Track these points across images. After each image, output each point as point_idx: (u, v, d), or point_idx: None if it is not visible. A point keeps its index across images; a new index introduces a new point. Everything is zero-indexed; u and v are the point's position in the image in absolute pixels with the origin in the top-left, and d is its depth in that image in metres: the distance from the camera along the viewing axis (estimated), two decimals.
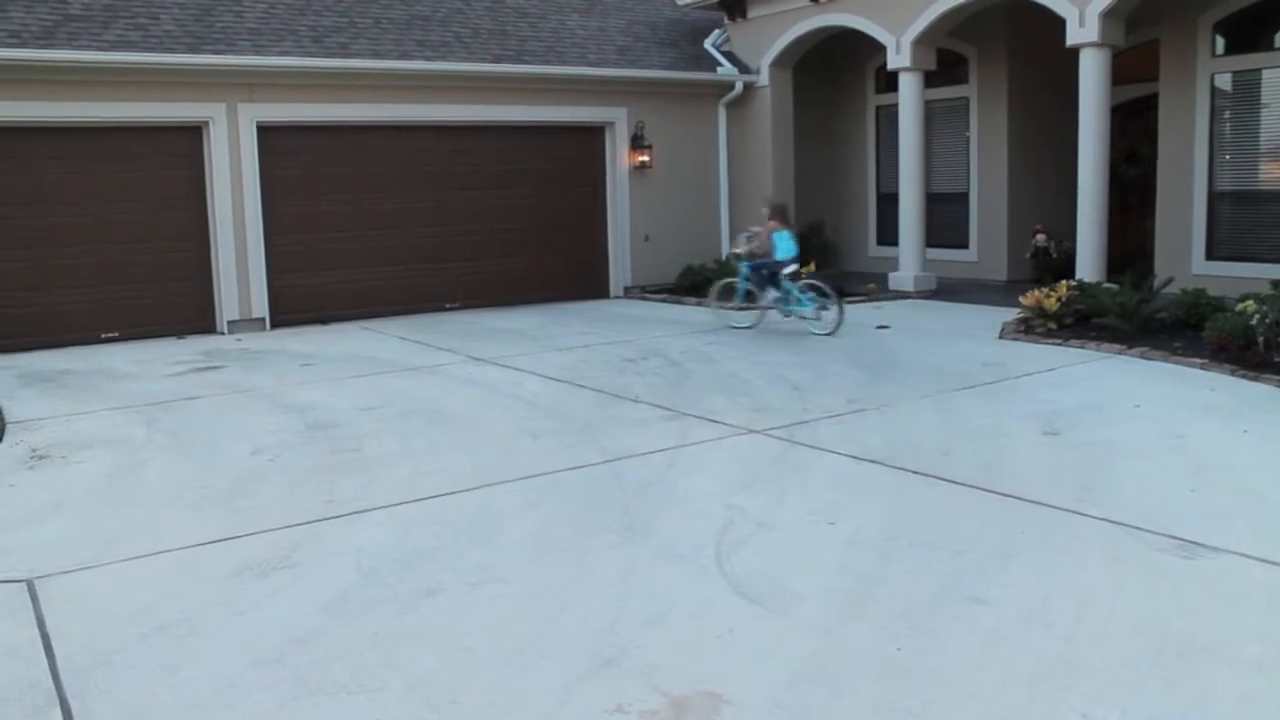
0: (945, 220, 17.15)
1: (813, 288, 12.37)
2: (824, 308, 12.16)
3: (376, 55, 14.16)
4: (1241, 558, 5.16)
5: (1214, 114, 13.97)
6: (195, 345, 12.59)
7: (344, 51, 13.96)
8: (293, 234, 13.96)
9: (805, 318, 12.27)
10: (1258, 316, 9.56)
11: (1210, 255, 13.98)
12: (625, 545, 5.63)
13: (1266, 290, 10.10)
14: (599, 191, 16.44)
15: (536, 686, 4.09)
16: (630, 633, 4.52)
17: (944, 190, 17.32)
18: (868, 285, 15.46)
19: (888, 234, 17.49)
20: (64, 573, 5.38)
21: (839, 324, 11.95)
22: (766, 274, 12.70)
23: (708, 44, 17.59)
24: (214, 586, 5.19)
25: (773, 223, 12.64)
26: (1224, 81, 13.92)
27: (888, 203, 17.53)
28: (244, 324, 13.57)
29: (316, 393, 9.66)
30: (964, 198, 17.24)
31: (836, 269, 16.46)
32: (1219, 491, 6.26)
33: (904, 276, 15.49)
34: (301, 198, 14.01)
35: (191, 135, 13.29)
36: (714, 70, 16.97)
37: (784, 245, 12.58)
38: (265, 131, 13.58)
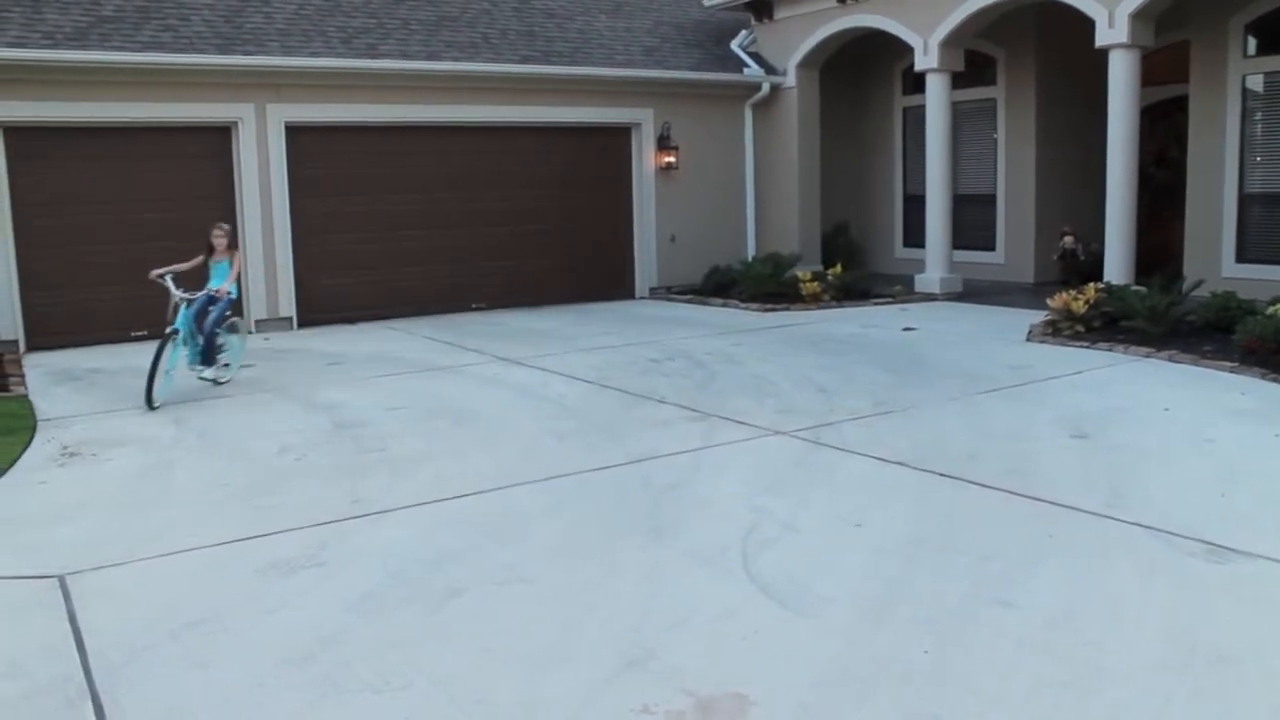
0: (972, 222, 17.08)
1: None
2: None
3: (404, 56, 14.22)
4: (1273, 563, 5.12)
5: (1245, 115, 13.85)
6: None
7: (372, 52, 14.03)
8: (320, 234, 14.04)
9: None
10: None
11: (1240, 258, 13.87)
12: (651, 546, 5.64)
13: None
14: (625, 192, 16.45)
15: (562, 687, 4.10)
16: (656, 634, 4.52)
17: (971, 192, 17.24)
18: (894, 287, 15.41)
19: (914, 236, 17.42)
20: (95, 569, 5.43)
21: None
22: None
23: (734, 45, 17.57)
24: (242, 584, 5.23)
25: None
26: (1255, 83, 13.80)
27: (914, 204, 17.45)
28: (272, 323, 13.65)
29: (343, 392, 9.71)
30: (991, 199, 17.16)
31: (862, 270, 16.42)
32: (1250, 496, 6.21)
33: (930, 278, 15.44)
34: (329, 198, 14.09)
35: (220, 135, 13.39)
36: (740, 71, 16.95)
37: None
38: (293, 132, 13.66)
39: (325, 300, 14.10)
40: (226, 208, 13.40)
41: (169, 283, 9.56)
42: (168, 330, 9.45)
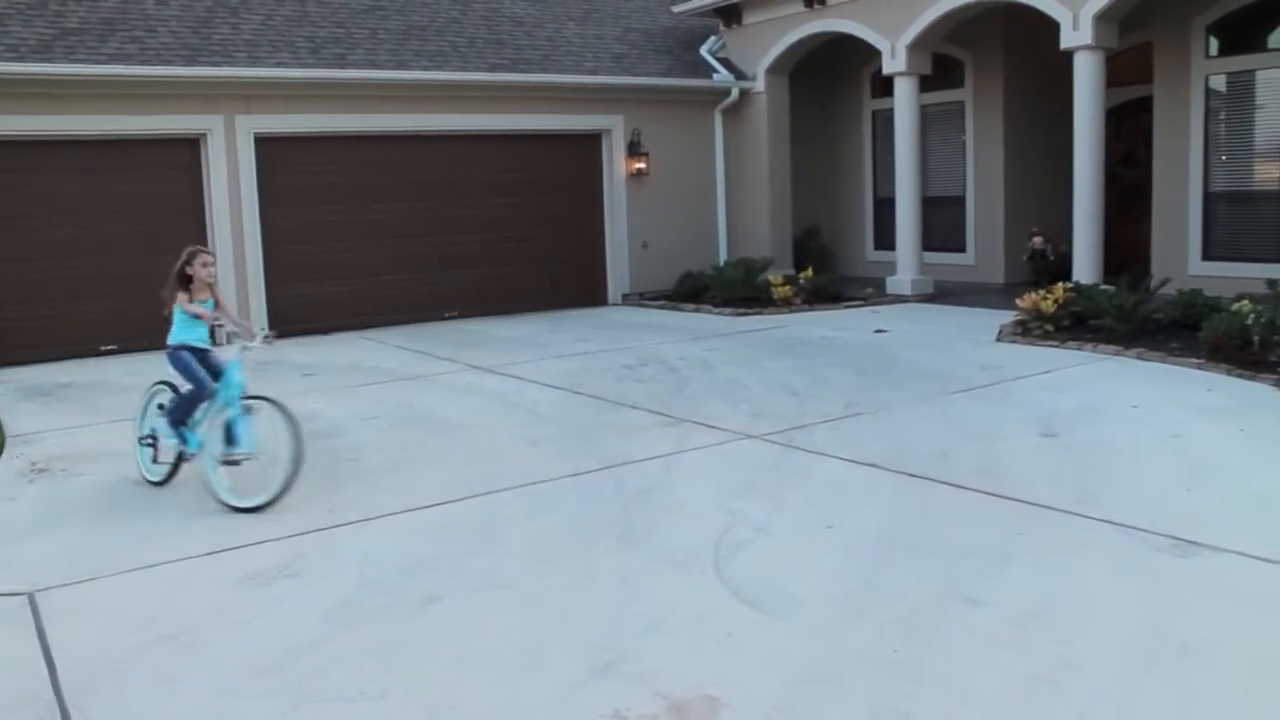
0: (942, 224, 17.18)
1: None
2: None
3: (373, 65, 14.20)
4: (1238, 556, 5.18)
5: (1209, 115, 14.00)
6: None
7: (341, 62, 14.00)
8: (291, 244, 13.99)
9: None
10: (1253, 316, 9.59)
11: (1206, 256, 14.02)
12: (624, 551, 5.66)
13: (1262, 290, 10.14)
14: (596, 199, 16.47)
15: (536, 692, 4.12)
16: (629, 638, 4.54)
17: (941, 194, 17.36)
18: (865, 290, 15.49)
19: (885, 238, 17.51)
20: (65, 585, 5.40)
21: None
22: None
23: (704, 51, 17.63)
24: (216, 597, 5.21)
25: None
26: (1218, 83, 13.96)
27: (884, 207, 17.56)
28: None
29: (316, 402, 9.67)
30: (960, 201, 17.28)
31: (834, 273, 16.49)
32: (1216, 491, 6.28)
33: (901, 280, 15.52)
34: (300, 208, 14.04)
35: (189, 147, 13.33)
36: (710, 77, 17.01)
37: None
38: (263, 143, 13.62)
39: (298, 311, 14.05)
40: (197, 220, 13.36)
41: (227, 326, 7.71)
42: (199, 390, 7.09)
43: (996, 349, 11.19)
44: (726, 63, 17.37)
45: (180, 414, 7.15)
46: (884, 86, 16.59)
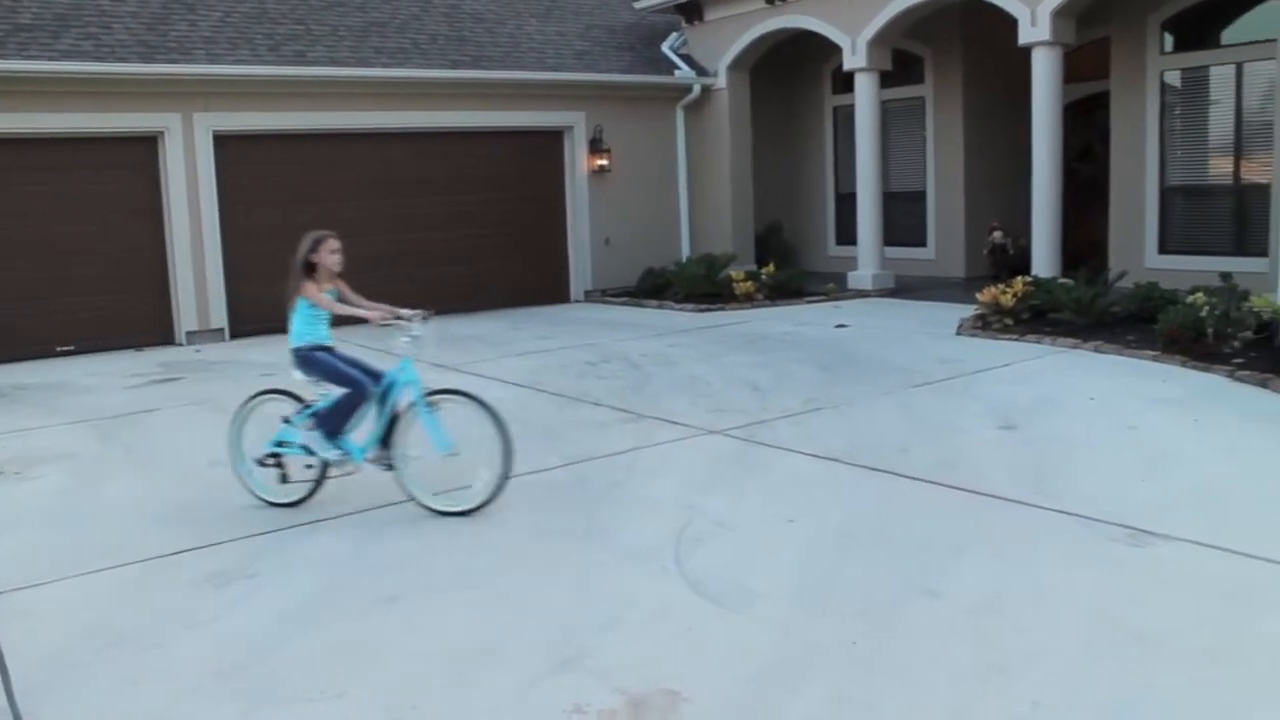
0: (903, 219, 17.29)
1: None
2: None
3: (333, 63, 14.12)
4: (1191, 545, 5.26)
5: (1164, 110, 14.17)
6: (153, 357, 12.50)
7: (300, 59, 13.91)
8: (251, 244, 13.84)
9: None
10: (1207, 309, 9.72)
11: (1163, 249, 14.19)
12: (585, 547, 5.67)
13: (1216, 283, 10.27)
14: (558, 196, 16.45)
15: (496, 689, 4.12)
16: (590, 634, 4.55)
17: (901, 189, 17.46)
18: (827, 285, 15.55)
19: (846, 233, 17.60)
20: (19, 589, 5.34)
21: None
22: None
23: (665, 47, 17.64)
24: (173, 599, 5.18)
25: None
26: (1173, 78, 14.13)
27: (846, 202, 17.63)
28: (203, 335, 13.48)
29: (276, 403, 9.59)
30: (921, 196, 17.38)
31: (796, 269, 16.56)
32: (1169, 481, 6.37)
33: (863, 275, 15.60)
34: (260, 207, 13.92)
35: (146, 145, 13.19)
36: (672, 73, 17.03)
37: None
38: (222, 141, 13.50)
39: (258, 310, 13.89)
40: (154, 218, 13.24)
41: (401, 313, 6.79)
42: (358, 393, 6.46)
43: (956, 343, 11.27)
44: (688, 59, 17.39)
45: (337, 422, 6.41)
46: (845, 83, 16.68)
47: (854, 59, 15.28)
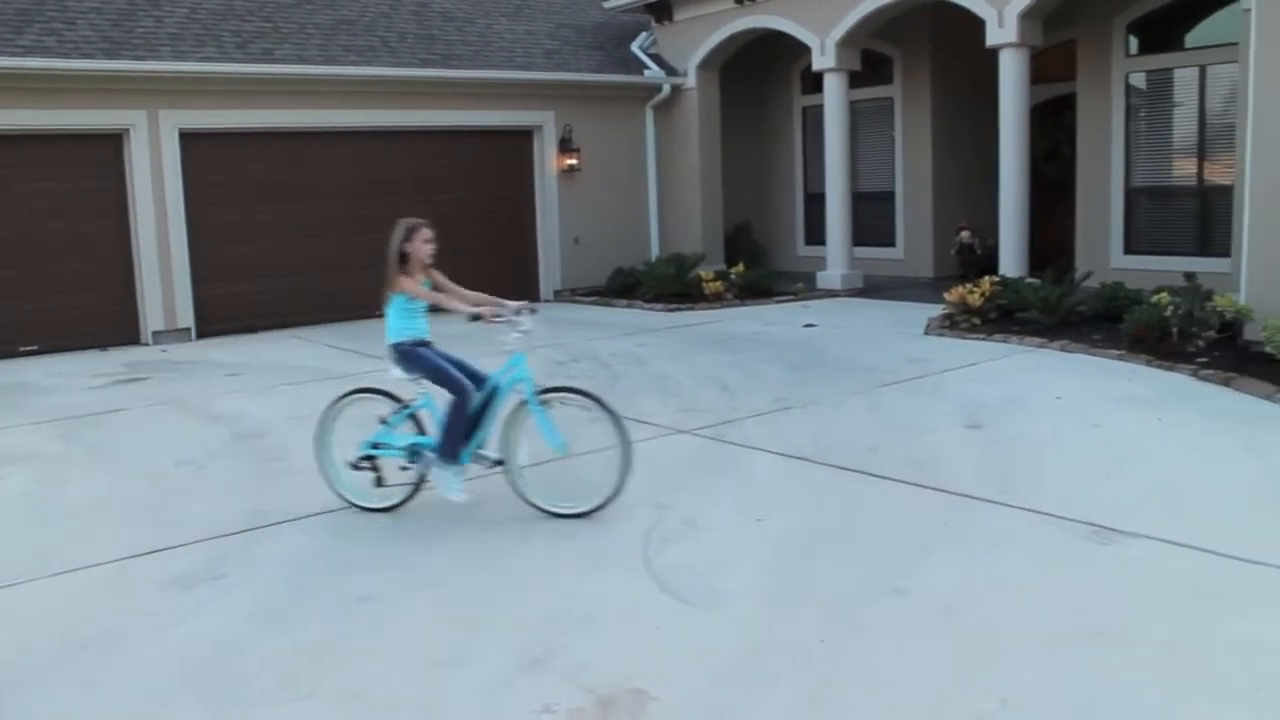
0: (872, 219, 17.37)
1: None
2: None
3: (301, 61, 14.03)
4: (1154, 541, 5.32)
5: (1129, 112, 14.30)
6: (118, 357, 12.38)
7: (268, 57, 13.81)
8: (218, 242, 13.76)
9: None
10: (1172, 308, 9.82)
11: (1128, 249, 14.32)
12: (555, 548, 5.66)
13: (1181, 282, 10.37)
14: (528, 195, 16.42)
15: (466, 689, 4.11)
16: (559, 634, 4.55)
17: (870, 189, 17.54)
18: (796, 285, 15.60)
19: (815, 233, 17.66)
20: None
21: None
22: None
23: (635, 47, 17.64)
24: (139, 601, 5.13)
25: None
26: (1138, 80, 14.26)
27: (815, 202, 17.68)
28: (169, 334, 13.37)
29: (243, 403, 9.56)
30: (890, 196, 17.47)
31: (765, 268, 16.61)
32: (1134, 479, 6.43)
33: (832, 275, 15.66)
34: (227, 205, 13.83)
35: (112, 143, 13.06)
36: (641, 73, 17.03)
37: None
38: (188, 138, 13.38)
39: (225, 310, 13.85)
40: (119, 217, 13.11)
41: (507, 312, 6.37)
42: (463, 395, 6.09)
43: (925, 342, 11.33)
44: (658, 59, 17.40)
45: (455, 443, 6.05)
46: (814, 83, 16.74)
47: (823, 59, 15.33)
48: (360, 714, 3.95)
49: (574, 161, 16.41)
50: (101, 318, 13.11)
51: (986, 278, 12.36)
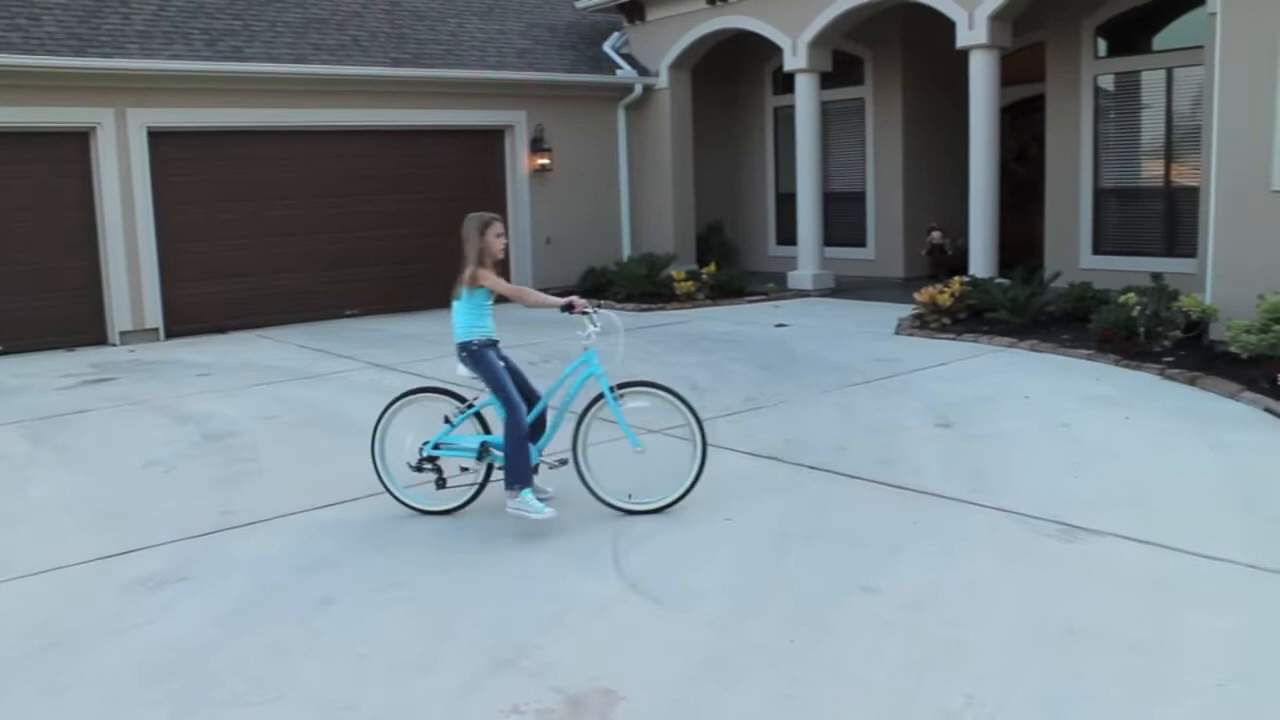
0: (843, 219, 17.44)
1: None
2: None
3: (271, 59, 13.94)
4: (1120, 539, 5.36)
5: (1098, 114, 14.41)
6: (85, 357, 12.27)
7: (238, 55, 13.72)
8: (187, 242, 13.67)
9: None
10: (1139, 308, 9.90)
11: (1096, 250, 14.43)
12: (523, 548, 5.65)
13: (1147, 282, 10.45)
14: (499, 195, 16.37)
15: (433, 690, 4.09)
16: (528, 634, 4.54)
17: (841, 190, 17.61)
18: (767, 285, 15.64)
19: (787, 234, 17.70)
20: None
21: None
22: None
23: (607, 47, 17.64)
24: (105, 603, 5.09)
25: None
26: (1106, 82, 14.37)
27: (786, 203, 17.74)
28: (137, 334, 13.26)
29: (213, 403, 9.50)
30: (861, 197, 17.53)
31: (737, 268, 16.63)
32: (1101, 478, 6.47)
33: (803, 275, 15.70)
34: (196, 205, 13.73)
35: (78, 141, 12.93)
36: (613, 73, 17.03)
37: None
38: (157, 137, 13.28)
39: (194, 310, 13.75)
40: (86, 216, 12.99)
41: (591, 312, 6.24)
42: (518, 410, 6.00)
43: (895, 342, 11.38)
44: (630, 59, 17.41)
45: (524, 465, 5.88)
46: (786, 83, 16.77)
47: (794, 60, 15.38)
48: (327, 716, 3.93)
49: (546, 161, 16.39)
50: (68, 318, 12.99)
51: (956, 278, 12.42)
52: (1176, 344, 9.79)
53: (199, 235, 13.79)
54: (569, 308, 6.17)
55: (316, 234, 14.66)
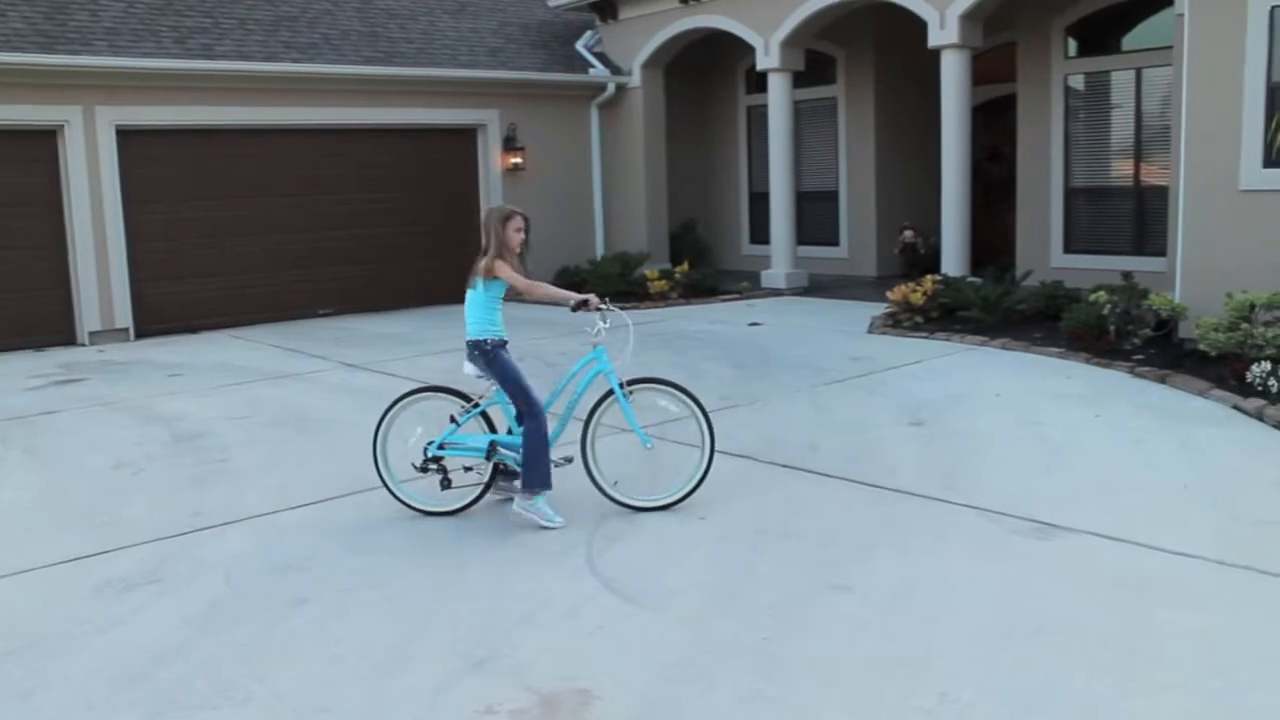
0: (816, 218, 17.47)
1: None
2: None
3: (242, 57, 13.85)
4: (1091, 536, 5.40)
5: (1068, 113, 14.49)
6: (54, 358, 12.14)
7: (208, 53, 13.62)
8: (157, 241, 13.55)
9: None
10: (1109, 306, 9.97)
11: (1068, 248, 14.51)
12: (497, 547, 5.63)
13: (1118, 281, 10.53)
14: (472, 194, 16.31)
15: (407, 691, 4.08)
16: (502, 633, 4.53)
17: (814, 189, 17.64)
18: (741, 284, 15.66)
19: (760, 232, 17.74)
20: None
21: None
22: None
23: (579, 45, 17.61)
24: (74, 606, 5.04)
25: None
26: (1077, 82, 14.45)
27: (760, 202, 17.77)
28: (107, 334, 13.14)
29: (183, 403, 9.43)
30: (834, 196, 17.58)
31: (710, 267, 16.64)
32: (1072, 475, 6.52)
33: (776, 274, 15.73)
34: (166, 204, 13.61)
35: (46, 139, 12.79)
36: (586, 72, 17.01)
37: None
38: (126, 135, 13.15)
39: (165, 309, 13.64)
40: (54, 215, 12.86)
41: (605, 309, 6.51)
42: (538, 409, 6.06)
43: (868, 340, 11.42)
44: (603, 57, 17.39)
45: (543, 467, 5.88)
46: (758, 82, 16.81)
47: (767, 59, 15.40)
48: (300, 718, 3.91)
49: (518, 160, 16.35)
50: (36, 318, 12.85)
51: (929, 277, 12.47)
52: (1147, 342, 9.87)
53: (169, 234, 13.68)
54: (583, 304, 6.23)
55: (289, 233, 14.57)
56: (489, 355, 6.05)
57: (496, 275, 6.06)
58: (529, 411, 5.92)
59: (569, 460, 6.19)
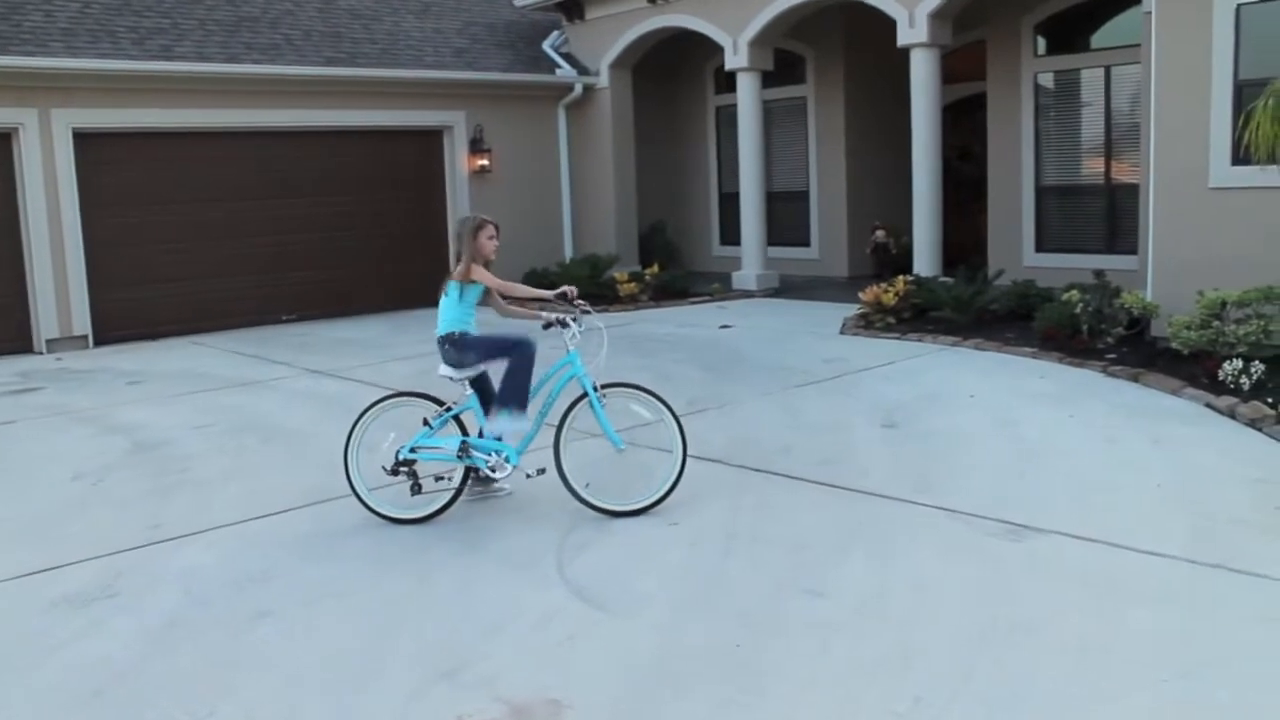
0: (787, 219, 17.42)
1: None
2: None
3: (202, 58, 13.65)
4: (1065, 537, 5.36)
5: (1038, 112, 14.50)
6: (10, 366, 11.90)
7: (167, 54, 13.41)
8: (116, 246, 13.31)
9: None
10: (1081, 305, 9.95)
11: (1039, 247, 14.52)
12: (466, 555, 5.53)
13: (1090, 280, 10.52)
14: (438, 196, 16.17)
15: (375, 703, 3.97)
16: (471, 643, 4.42)
17: (785, 189, 17.59)
18: (712, 285, 15.58)
19: (730, 234, 17.67)
20: None
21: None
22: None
23: (546, 45, 17.50)
24: (29, 621, 4.90)
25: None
26: (1047, 80, 14.47)
27: (730, 202, 17.70)
28: (64, 342, 12.88)
29: (143, 412, 9.25)
30: (804, 196, 17.53)
31: (680, 269, 16.56)
32: (1046, 475, 6.47)
33: (747, 275, 15.66)
34: (125, 208, 13.38)
35: None
36: (553, 72, 16.90)
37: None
38: (83, 138, 12.92)
39: (124, 316, 13.40)
40: (9, 220, 12.63)
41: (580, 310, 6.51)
42: (528, 339, 6.21)
43: (840, 342, 11.36)
44: (570, 58, 17.28)
45: (521, 391, 6.07)
46: (728, 82, 16.74)
47: (736, 59, 15.34)
48: None
49: (485, 162, 16.21)
50: None
51: (901, 277, 12.43)
52: (1119, 341, 9.86)
53: (128, 239, 13.44)
54: (561, 296, 6.30)
55: (251, 237, 14.36)
56: (461, 342, 6.11)
57: (473, 278, 6.11)
58: (513, 345, 6.04)
59: (542, 471, 6.11)
